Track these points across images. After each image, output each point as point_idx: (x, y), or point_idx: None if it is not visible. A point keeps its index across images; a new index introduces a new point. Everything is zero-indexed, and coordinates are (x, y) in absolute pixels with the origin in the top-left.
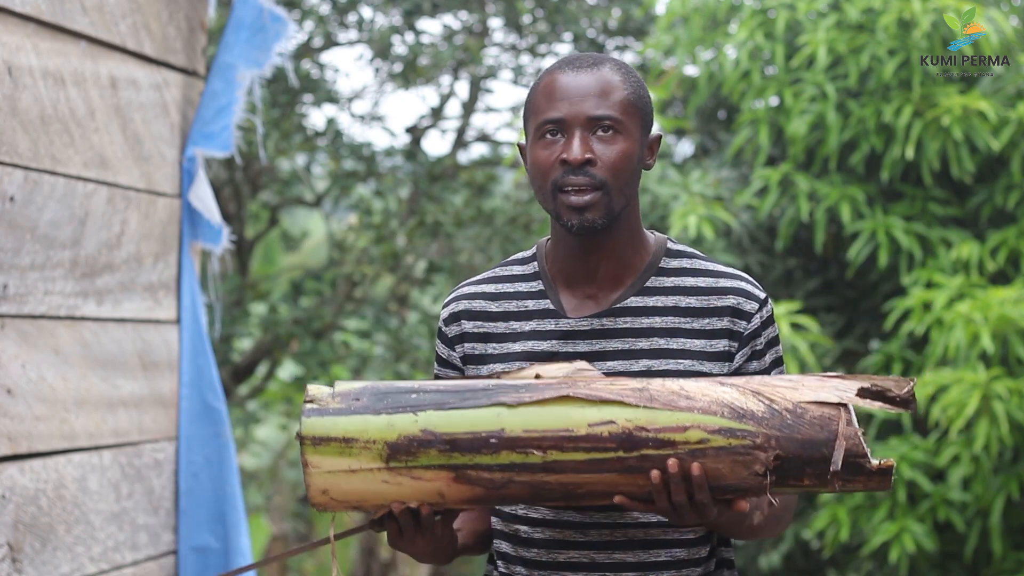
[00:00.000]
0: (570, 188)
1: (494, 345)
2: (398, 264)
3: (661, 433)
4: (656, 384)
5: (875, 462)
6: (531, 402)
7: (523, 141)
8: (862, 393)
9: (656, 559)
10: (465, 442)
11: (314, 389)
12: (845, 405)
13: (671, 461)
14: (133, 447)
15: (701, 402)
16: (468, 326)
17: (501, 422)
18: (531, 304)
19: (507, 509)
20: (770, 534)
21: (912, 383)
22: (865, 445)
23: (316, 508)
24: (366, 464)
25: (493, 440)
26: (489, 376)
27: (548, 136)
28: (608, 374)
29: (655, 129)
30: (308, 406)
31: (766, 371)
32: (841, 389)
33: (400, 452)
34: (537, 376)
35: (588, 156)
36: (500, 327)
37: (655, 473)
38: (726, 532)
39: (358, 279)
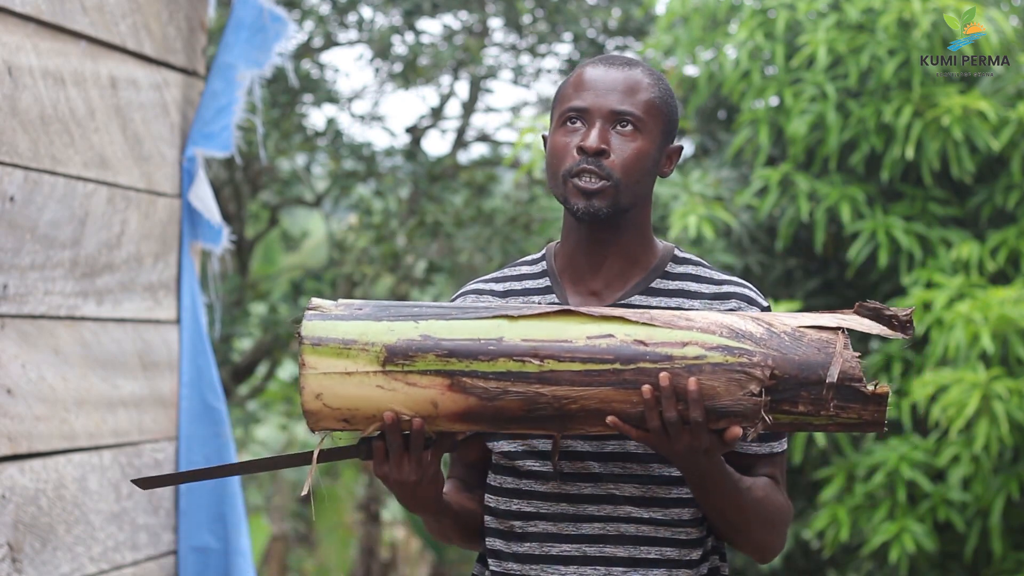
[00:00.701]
0: (582, 175)
1: None
2: (398, 264)
3: (659, 347)
4: (657, 310)
5: (870, 387)
6: (532, 315)
7: (546, 132)
8: (861, 310)
9: (647, 556)
10: (463, 348)
11: (318, 300)
12: (843, 329)
13: (663, 374)
14: (133, 447)
15: (700, 323)
16: None
17: (500, 331)
18: (537, 300)
19: (502, 506)
20: (762, 538)
21: (911, 308)
22: (861, 371)
23: (309, 421)
24: (362, 367)
25: (491, 347)
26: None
27: (569, 124)
28: None
29: (682, 143)
30: (310, 312)
31: None
32: (840, 317)
33: (397, 355)
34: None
35: (603, 147)
36: None
37: (647, 387)
38: (717, 501)
39: (358, 279)
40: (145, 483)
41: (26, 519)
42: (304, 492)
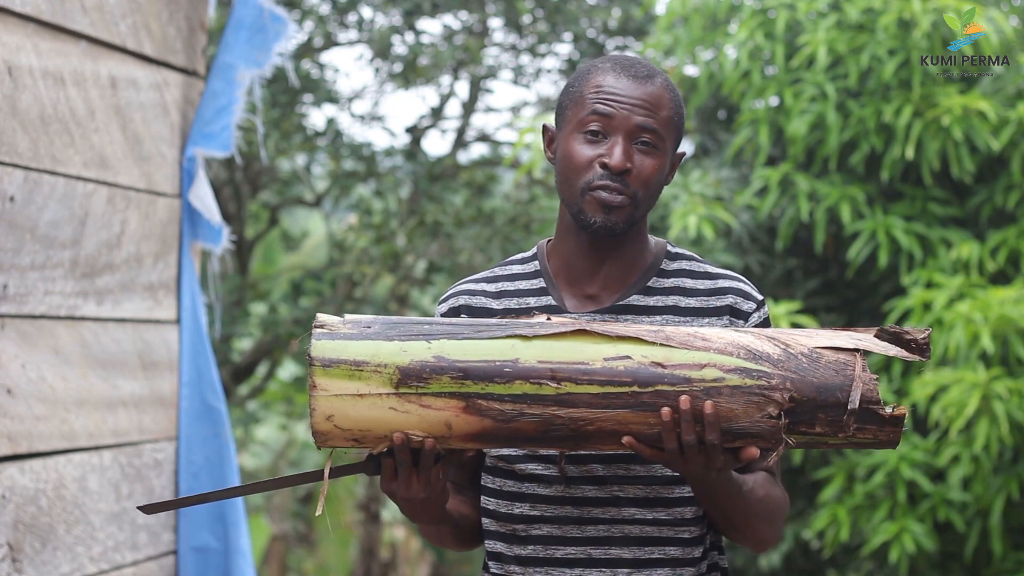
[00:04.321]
0: (603, 190)
1: None
2: (398, 264)
3: (677, 370)
4: (672, 328)
5: (888, 409)
6: (547, 335)
7: (549, 124)
8: (880, 335)
9: (651, 556)
10: (478, 370)
11: (324, 317)
12: (861, 351)
13: (683, 397)
14: (133, 447)
15: (717, 343)
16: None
17: (516, 352)
18: (532, 301)
19: (503, 508)
20: (761, 534)
21: (928, 331)
22: (879, 394)
23: (317, 440)
24: (375, 389)
25: (507, 369)
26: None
27: (590, 134)
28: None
29: (687, 150)
30: (318, 331)
31: None
32: (856, 337)
33: (411, 377)
34: (548, 319)
35: (628, 166)
36: None
37: (666, 410)
38: (722, 504)
39: (358, 279)
40: (150, 509)
41: (26, 519)
42: (319, 512)
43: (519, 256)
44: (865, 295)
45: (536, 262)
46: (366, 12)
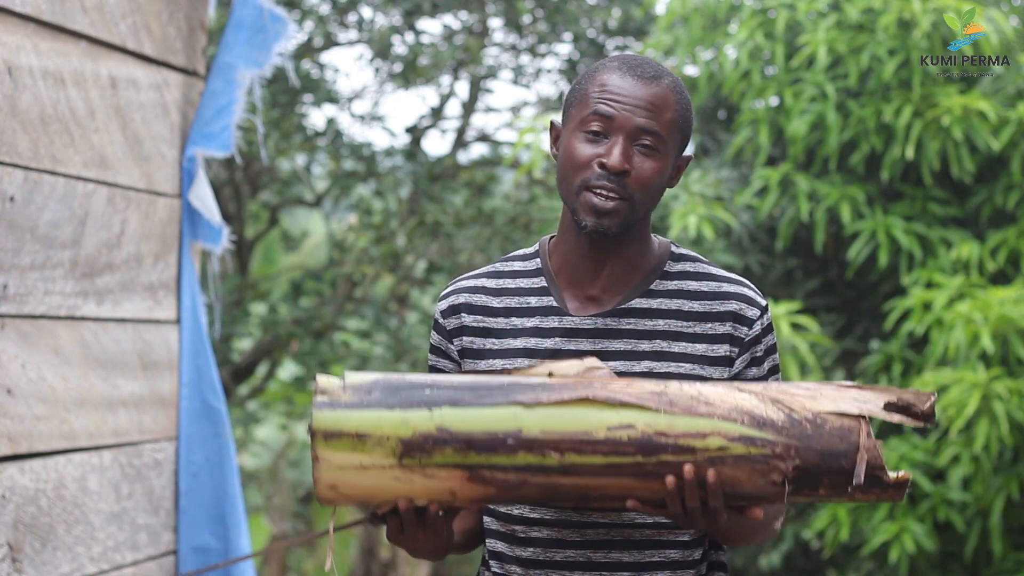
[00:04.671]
0: (599, 190)
1: (494, 340)
2: (398, 264)
3: (681, 439)
4: (674, 388)
5: (892, 475)
6: (549, 403)
7: (557, 121)
8: (888, 407)
9: (651, 559)
10: (481, 441)
11: (325, 381)
12: (864, 417)
13: (687, 467)
14: (133, 447)
15: (721, 409)
16: (468, 320)
17: (518, 422)
18: (533, 300)
19: (503, 509)
20: (759, 541)
21: (933, 397)
22: (884, 460)
23: (321, 503)
24: (378, 460)
25: (510, 441)
26: (502, 372)
27: (591, 133)
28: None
29: (688, 150)
30: (319, 398)
31: (763, 378)
32: (860, 400)
33: (414, 449)
34: (550, 375)
35: (627, 167)
36: (501, 322)
37: (670, 479)
38: (727, 539)
39: (358, 279)
40: None
41: (26, 519)
42: (328, 567)
43: (521, 252)
44: (865, 295)
45: (538, 259)
46: (366, 12)
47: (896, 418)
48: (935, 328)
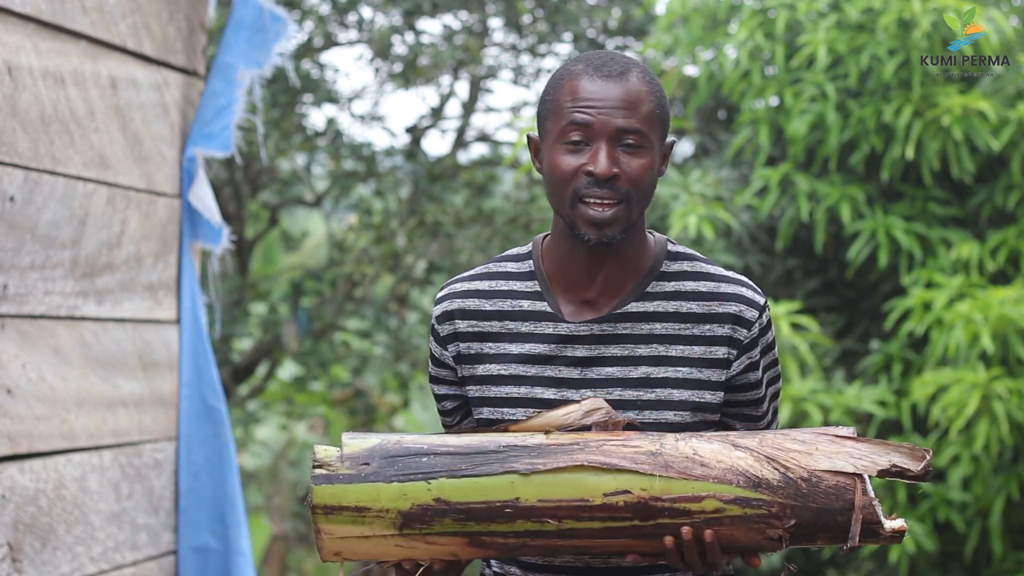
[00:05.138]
0: (592, 200)
1: (491, 344)
2: (398, 264)
3: (677, 503)
4: (669, 447)
5: (888, 527)
6: (545, 470)
7: (534, 135)
8: (882, 475)
9: (650, 562)
10: (480, 512)
11: (322, 452)
12: (861, 475)
13: (685, 530)
14: (133, 447)
15: (716, 470)
16: (462, 325)
17: (515, 491)
18: (526, 304)
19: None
20: None
21: (928, 457)
22: (880, 513)
23: (326, 561)
24: (379, 531)
25: (508, 510)
26: (497, 429)
27: (572, 143)
28: (608, 380)
29: (673, 138)
30: (317, 471)
31: (760, 381)
32: (856, 457)
33: (414, 520)
34: (547, 432)
35: (615, 171)
36: (495, 326)
37: (669, 539)
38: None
39: (358, 279)
40: None
41: (26, 519)
42: None
43: (514, 252)
44: (865, 295)
45: (531, 261)
46: (366, 12)
47: (890, 476)
48: (935, 328)
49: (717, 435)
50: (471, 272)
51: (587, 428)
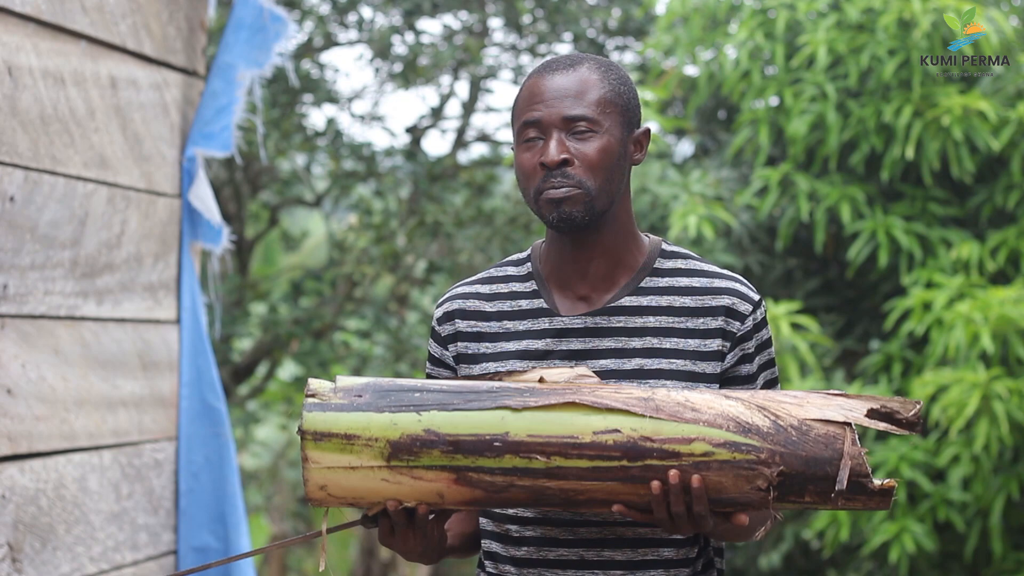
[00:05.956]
0: (548, 189)
1: (487, 344)
2: (398, 264)
3: (666, 444)
4: (661, 394)
5: (877, 483)
6: (536, 407)
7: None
8: (871, 414)
9: (644, 558)
10: (469, 444)
11: (315, 383)
12: (850, 424)
13: (672, 472)
14: (133, 447)
15: (707, 415)
16: (462, 325)
17: (505, 425)
18: (524, 303)
19: (497, 509)
20: (752, 537)
21: (919, 405)
22: (868, 466)
23: (312, 504)
24: (367, 462)
25: (497, 443)
26: (492, 376)
27: (529, 141)
28: (602, 372)
29: (648, 124)
30: (309, 400)
31: (754, 376)
32: (846, 408)
33: (402, 451)
34: (541, 380)
35: (564, 156)
36: (494, 326)
37: (655, 484)
38: (716, 539)
39: (358, 279)
40: None
41: (26, 519)
42: (321, 568)
43: (514, 257)
44: (865, 295)
45: (529, 264)
46: (366, 12)
47: (881, 426)
48: (935, 328)
49: (710, 389)
50: (472, 278)
51: None
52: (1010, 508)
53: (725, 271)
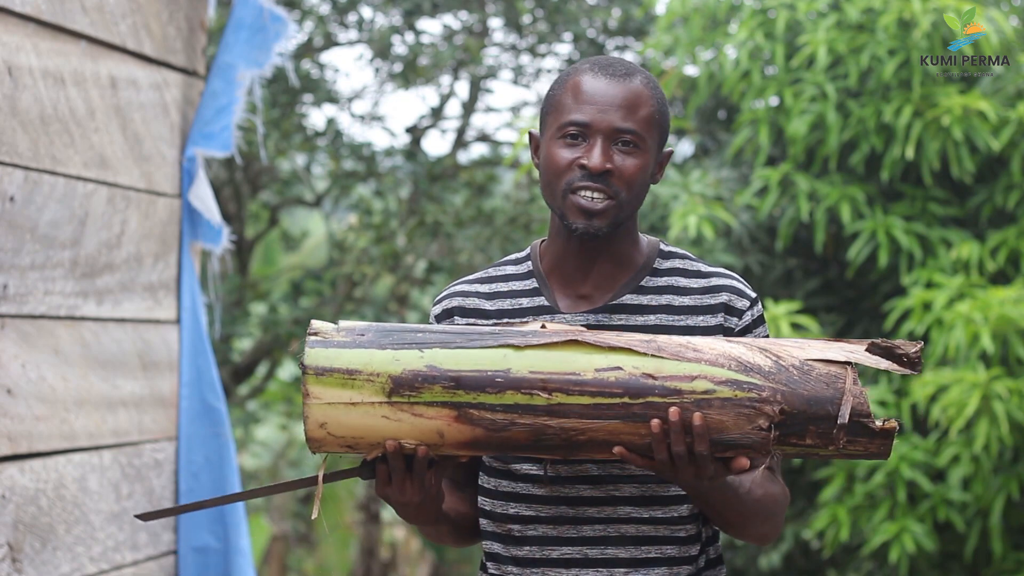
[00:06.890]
0: (584, 191)
1: None
2: (398, 264)
3: (668, 381)
4: (663, 337)
5: (878, 423)
6: (538, 344)
7: (535, 131)
8: (872, 348)
9: (647, 555)
10: (470, 380)
11: (318, 324)
12: (851, 364)
13: (672, 409)
14: (133, 447)
15: (708, 355)
16: (461, 323)
17: (507, 362)
18: (525, 302)
19: (499, 509)
20: (760, 531)
21: (920, 345)
22: (870, 405)
23: (311, 446)
24: (368, 397)
25: (499, 379)
26: (496, 324)
27: (569, 138)
28: None
29: (668, 145)
30: (312, 338)
31: None
32: (848, 350)
33: (403, 386)
34: (543, 326)
35: (608, 167)
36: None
37: (655, 422)
38: (718, 508)
39: (358, 279)
40: (147, 516)
41: (26, 519)
42: (314, 516)
43: (513, 256)
44: (865, 295)
45: (529, 262)
46: (366, 12)
47: (883, 364)
48: (935, 328)
49: (711, 336)
50: (471, 276)
51: None
52: (1010, 508)
53: (721, 269)
